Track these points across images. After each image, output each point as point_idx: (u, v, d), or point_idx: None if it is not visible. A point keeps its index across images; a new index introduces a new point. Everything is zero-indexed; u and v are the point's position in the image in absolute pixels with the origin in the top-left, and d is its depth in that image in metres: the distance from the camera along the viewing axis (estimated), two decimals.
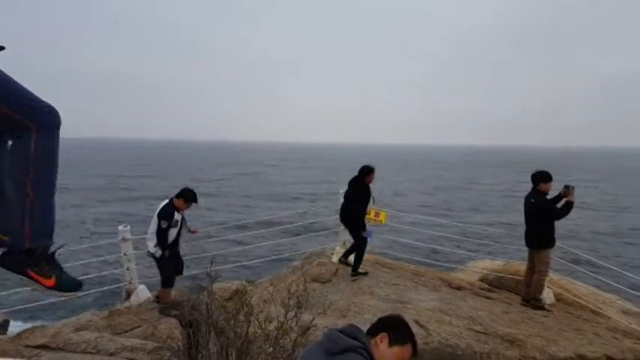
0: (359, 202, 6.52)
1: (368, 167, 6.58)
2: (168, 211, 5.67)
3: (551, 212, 5.72)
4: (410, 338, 1.94)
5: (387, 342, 1.85)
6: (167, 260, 5.73)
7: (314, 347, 1.89)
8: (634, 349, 4.83)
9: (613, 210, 35.28)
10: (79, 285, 1.87)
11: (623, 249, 23.65)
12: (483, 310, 5.37)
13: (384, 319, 1.97)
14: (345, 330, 1.86)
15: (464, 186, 48.37)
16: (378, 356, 1.87)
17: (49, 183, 1.67)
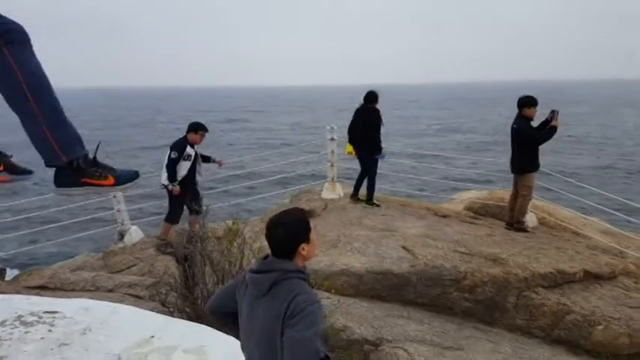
0: (374, 126, 6.55)
1: (373, 92, 6.65)
2: (180, 143, 5.72)
3: (531, 137, 5.79)
4: (309, 228, 1.90)
5: (306, 247, 1.88)
6: (177, 195, 5.74)
7: (246, 297, 1.90)
8: (610, 263, 5.10)
9: (598, 142, 35.79)
10: (136, 173, 1.98)
11: (607, 175, 24.29)
12: (468, 234, 5.57)
13: (291, 234, 1.84)
14: (261, 269, 1.85)
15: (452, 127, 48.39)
16: (306, 261, 1.91)
17: (49, 96, 1.70)
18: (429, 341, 3.97)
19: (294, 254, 1.86)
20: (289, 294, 1.77)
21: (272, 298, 1.80)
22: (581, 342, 4.27)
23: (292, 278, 1.82)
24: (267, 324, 1.79)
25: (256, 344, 1.87)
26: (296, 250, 1.86)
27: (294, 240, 1.86)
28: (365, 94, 6.72)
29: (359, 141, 6.71)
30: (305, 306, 1.73)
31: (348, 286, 4.69)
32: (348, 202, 7.04)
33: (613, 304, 4.48)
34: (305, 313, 1.72)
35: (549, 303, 4.38)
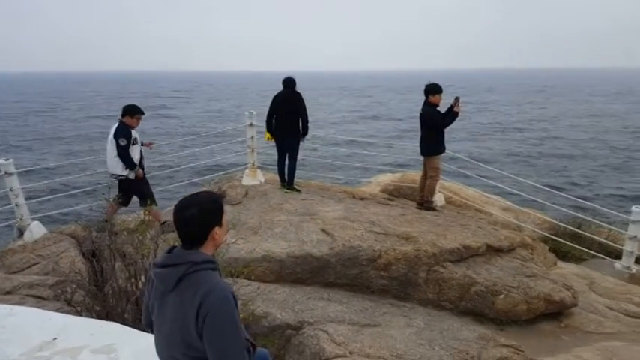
0: (300, 111, 6.52)
1: (292, 78, 6.62)
2: (123, 129, 5.52)
3: (435, 121, 6.19)
4: (222, 210, 1.84)
5: (219, 231, 1.80)
6: (141, 178, 5.67)
7: (154, 294, 1.82)
8: (509, 237, 5.58)
9: (503, 128, 38.83)
10: None
11: (509, 159, 26.53)
12: (383, 215, 5.80)
13: (204, 215, 1.75)
14: (166, 262, 1.76)
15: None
16: (217, 246, 1.84)
17: None
18: (348, 320, 4.10)
19: (206, 239, 1.77)
20: (199, 289, 1.67)
21: (181, 293, 1.70)
22: (485, 311, 4.64)
23: (201, 270, 1.72)
24: (177, 321, 1.71)
25: (165, 341, 1.79)
26: (208, 233, 1.76)
27: (207, 222, 1.76)
28: (284, 79, 6.68)
29: (283, 126, 6.66)
30: (219, 305, 1.66)
31: (269, 272, 4.70)
32: (269, 188, 7.01)
33: (512, 274, 4.91)
34: (221, 313, 1.65)
35: (456, 276, 4.70)
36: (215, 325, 1.64)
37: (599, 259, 6.71)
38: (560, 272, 5.74)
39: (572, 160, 27.17)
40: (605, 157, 27.96)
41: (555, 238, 6.95)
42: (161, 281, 1.76)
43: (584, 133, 36.13)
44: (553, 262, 6.04)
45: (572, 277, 5.67)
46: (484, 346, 3.82)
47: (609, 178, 23.65)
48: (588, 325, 4.66)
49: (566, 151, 29.35)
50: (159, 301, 1.80)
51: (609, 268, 6.42)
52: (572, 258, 6.82)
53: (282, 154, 6.83)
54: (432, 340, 3.86)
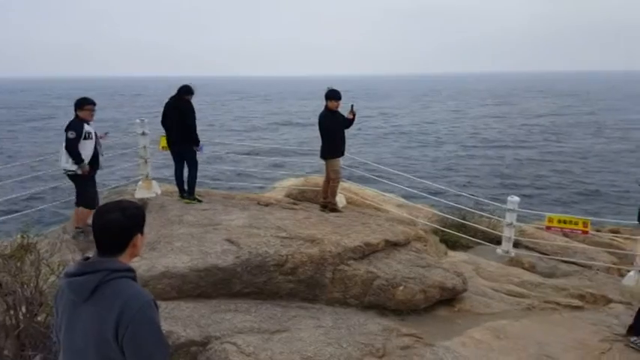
0: (189, 118, 6.35)
1: (188, 86, 6.46)
2: (75, 122, 5.39)
3: (325, 126, 6.40)
4: (145, 217, 1.81)
5: (141, 238, 1.76)
6: (87, 178, 5.49)
7: (64, 306, 1.70)
8: (405, 231, 5.94)
9: (399, 132, 41.34)
10: None
11: (407, 160, 28.30)
12: (288, 219, 5.84)
13: (129, 220, 1.69)
14: (81, 270, 1.65)
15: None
16: (135, 255, 1.80)
17: None
18: (257, 329, 4.04)
19: (126, 247, 1.69)
20: (118, 297, 1.58)
21: (97, 302, 1.59)
22: (387, 303, 4.87)
23: (119, 278, 1.63)
24: (92, 334, 1.58)
25: (77, 357, 1.63)
26: (130, 239, 1.69)
27: (130, 227, 1.68)
28: (180, 86, 6.52)
29: (175, 134, 6.46)
30: (142, 312, 1.58)
31: (170, 288, 4.46)
32: (166, 200, 6.68)
33: (409, 266, 5.22)
34: (144, 321, 1.58)
35: (360, 273, 4.88)
36: (139, 333, 1.57)
37: (483, 246, 7.42)
38: (451, 261, 6.24)
39: (458, 157, 29.79)
40: (485, 154, 31.08)
41: (444, 229, 7.56)
42: (74, 290, 1.62)
43: (466, 133, 39.95)
44: (444, 252, 6.54)
45: (462, 264, 6.19)
46: (388, 337, 4.01)
47: (489, 172, 26.31)
48: (478, 307, 5.12)
49: (452, 150, 32.12)
50: (69, 313, 1.65)
51: (492, 254, 7.14)
52: (460, 247, 7.46)
53: (178, 163, 6.60)
54: (340, 338, 3.96)
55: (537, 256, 7.21)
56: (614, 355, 4.13)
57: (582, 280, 6.20)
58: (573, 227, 6.57)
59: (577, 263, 7.14)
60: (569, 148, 33.42)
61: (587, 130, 41.28)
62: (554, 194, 22.24)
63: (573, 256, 7.31)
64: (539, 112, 55.71)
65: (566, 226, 6.61)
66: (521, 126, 44.34)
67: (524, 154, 30.47)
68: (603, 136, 37.53)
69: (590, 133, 39.59)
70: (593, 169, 27.12)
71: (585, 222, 6.51)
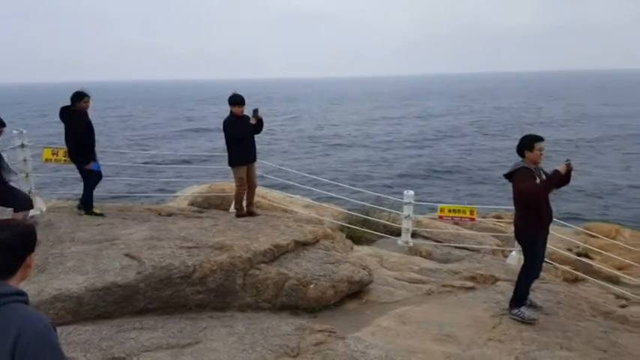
0: (71, 132, 5.95)
1: (81, 92, 6.01)
2: None
3: (227, 133, 6.34)
4: (36, 236, 1.73)
5: (32, 257, 1.69)
6: None
7: None
8: (313, 230, 6.06)
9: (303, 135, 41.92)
10: None
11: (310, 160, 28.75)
12: (193, 228, 5.65)
13: (20, 238, 1.59)
14: None
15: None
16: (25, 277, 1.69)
17: None
18: (167, 345, 3.86)
19: (19, 267, 1.58)
20: (13, 322, 1.46)
21: None
22: (299, 303, 4.94)
23: (12, 302, 1.51)
24: None
25: None
26: (23, 260, 1.58)
27: (23, 246, 1.58)
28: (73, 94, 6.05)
29: (69, 148, 6.07)
30: (41, 335, 1.47)
31: (64, 312, 4.09)
32: (54, 216, 6.10)
33: (319, 263, 5.34)
34: (45, 343, 1.47)
35: (271, 275, 4.89)
36: (40, 357, 1.46)
37: (385, 239, 7.85)
38: (357, 255, 6.50)
39: (360, 158, 31.03)
40: (384, 153, 32.75)
41: (350, 226, 7.86)
42: None
43: (368, 134, 41.79)
44: (350, 247, 6.80)
45: (367, 258, 6.48)
46: (302, 336, 4.07)
47: (388, 170, 27.79)
48: (383, 297, 5.39)
49: (353, 151, 33.38)
50: None
51: (394, 245, 7.57)
52: (365, 241, 7.82)
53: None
54: (255, 342, 3.94)
55: (433, 244, 7.79)
56: (503, 328, 4.61)
57: (473, 263, 6.82)
58: (462, 215, 7.22)
59: (468, 248, 7.85)
60: (459, 144, 36.67)
61: (475, 129, 45.63)
62: (445, 186, 24.19)
63: (464, 242, 8.03)
64: (436, 113, 60.43)
65: (456, 214, 7.24)
66: (420, 126, 47.74)
67: (419, 152, 32.74)
68: (489, 134, 41.79)
69: (478, 131, 43.82)
70: (478, 162, 29.95)
71: (472, 210, 7.19)
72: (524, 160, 4.62)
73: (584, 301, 5.56)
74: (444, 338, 4.32)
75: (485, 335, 4.42)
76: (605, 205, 22.02)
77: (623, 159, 31.54)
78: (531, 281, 4.88)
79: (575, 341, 4.47)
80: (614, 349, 4.46)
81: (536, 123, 47.71)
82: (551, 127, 46.34)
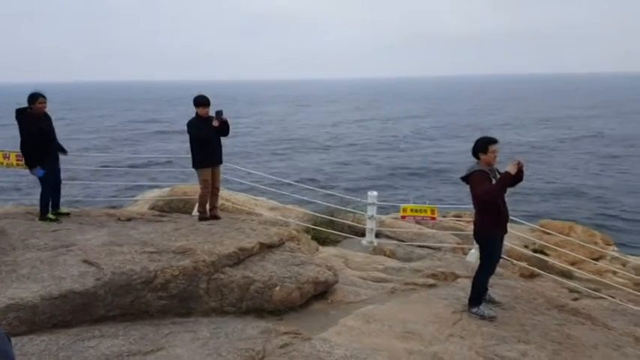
0: (23, 134, 5.72)
1: (35, 93, 5.82)
2: None
3: (191, 134, 6.28)
4: None
5: None
6: None
7: None
8: (278, 232, 6.04)
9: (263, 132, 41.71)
10: None
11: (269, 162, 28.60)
12: (155, 232, 5.53)
13: None
14: None
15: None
16: None
17: None
18: (128, 352, 3.76)
19: None
20: None
21: None
22: (265, 305, 4.91)
23: None
24: None
25: None
26: None
27: None
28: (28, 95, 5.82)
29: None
30: None
31: (18, 322, 3.91)
32: (5, 223, 5.82)
33: (284, 265, 5.34)
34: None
35: (236, 279, 4.84)
36: None
37: (350, 239, 7.93)
38: (323, 256, 6.54)
39: (326, 159, 31.17)
40: (349, 155, 33.01)
41: (315, 227, 7.90)
42: None
43: (332, 137, 42.02)
44: (316, 249, 6.83)
45: (332, 258, 6.53)
46: (267, 338, 4.05)
47: (351, 171, 28.03)
48: (348, 296, 5.45)
49: (319, 153, 33.48)
50: None
51: (358, 245, 7.66)
52: (331, 242, 7.87)
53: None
54: (219, 346, 3.89)
55: (396, 243, 7.94)
56: (463, 324, 4.74)
57: (434, 261, 6.99)
58: (424, 215, 7.39)
59: (429, 246, 8.04)
60: (422, 146, 37.44)
61: (437, 131, 46.69)
62: (408, 187, 24.64)
63: (426, 241, 8.21)
64: (401, 115, 61.55)
65: (417, 214, 7.40)
66: (384, 128, 48.47)
67: (384, 154, 33.21)
68: (449, 136, 42.87)
69: (440, 133, 44.85)
70: (440, 163, 30.68)
71: (433, 209, 7.37)
72: (479, 162, 4.76)
73: (539, 295, 5.80)
74: (408, 335, 4.40)
75: (446, 331, 4.54)
76: (558, 203, 23.05)
77: (576, 160, 33.15)
78: (488, 278, 5.05)
79: (532, 334, 4.66)
80: (567, 341, 4.67)
81: (495, 125, 49.42)
82: (509, 129, 48.15)
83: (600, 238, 11.51)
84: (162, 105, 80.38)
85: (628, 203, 22.75)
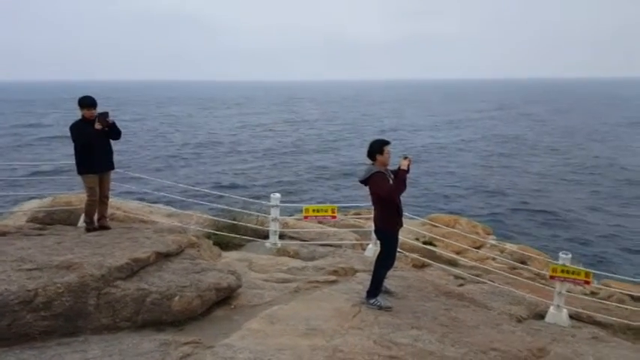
0: None
1: None
2: None
3: (73, 137, 5.87)
4: None
5: None
6: None
7: None
8: (176, 240, 5.82)
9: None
10: None
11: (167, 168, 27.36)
12: (34, 247, 5.01)
13: None
14: None
15: None
16: None
17: None
18: None
19: None
20: None
21: None
22: (163, 317, 4.69)
23: None
24: None
25: None
26: None
27: None
28: None
29: None
30: None
31: None
32: None
33: (184, 274, 5.15)
34: None
35: (129, 292, 4.57)
36: None
37: (254, 242, 7.89)
38: (225, 261, 6.43)
39: (228, 162, 30.54)
40: (250, 157, 32.73)
41: (217, 232, 7.73)
42: None
43: (233, 139, 41.37)
44: (218, 254, 6.68)
45: (235, 263, 6.45)
46: (166, 351, 3.89)
47: (254, 174, 27.86)
48: (252, 299, 5.42)
49: (221, 158, 32.75)
50: None
51: (262, 248, 7.65)
52: (234, 246, 7.76)
53: None
54: None
55: (300, 243, 8.07)
56: (362, 316, 4.98)
57: (335, 258, 7.23)
58: (325, 214, 7.61)
59: (331, 244, 8.30)
60: (325, 149, 38.42)
61: (340, 134, 48.20)
62: (311, 188, 25.16)
63: (328, 239, 8.46)
64: (306, 119, 62.48)
65: (319, 214, 7.60)
66: (287, 132, 48.79)
67: (287, 158, 33.51)
68: (349, 139, 44.53)
69: (342, 136, 46.37)
70: (342, 165, 31.74)
71: (333, 209, 7.62)
72: (375, 163, 5.05)
73: (429, 283, 6.29)
74: (310, 332, 4.51)
75: (347, 324, 4.73)
76: (446, 198, 25.16)
77: (462, 159, 36.42)
78: (387, 271, 5.36)
79: (423, 320, 5.04)
80: (454, 323, 5.13)
81: (389, 130, 52.40)
82: (404, 131, 51.41)
83: (481, 229, 12.79)
84: (44, 107, 72.82)
85: (507, 195, 25.58)
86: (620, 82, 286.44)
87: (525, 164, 33.92)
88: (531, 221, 21.29)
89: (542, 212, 22.47)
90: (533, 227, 20.46)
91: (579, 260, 11.77)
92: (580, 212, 22.47)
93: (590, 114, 71.02)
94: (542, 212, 22.47)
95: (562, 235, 19.41)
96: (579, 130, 51.34)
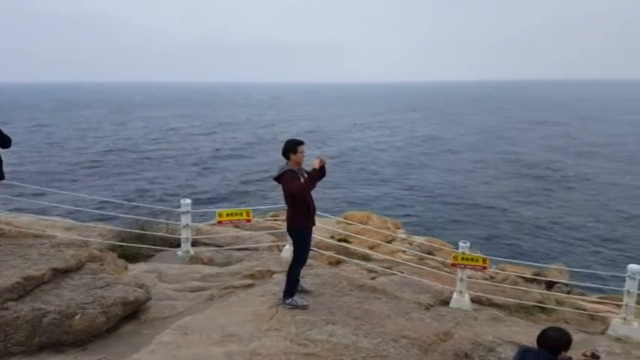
0: None
1: None
2: None
3: None
4: None
5: None
6: None
7: None
8: (76, 254, 5.39)
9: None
10: None
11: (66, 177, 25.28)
12: None
13: None
14: None
15: None
16: None
17: None
18: None
19: None
20: None
21: None
22: (64, 338, 4.35)
23: None
24: None
25: None
26: None
27: None
28: None
29: None
30: None
31: None
32: None
33: (85, 290, 4.80)
34: None
35: (23, 314, 4.18)
36: None
37: (165, 252, 7.55)
38: (133, 274, 6.08)
39: (135, 171, 28.91)
40: (163, 163, 31.32)
41: (122, 243, 7.28)
42: None
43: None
44: (124, 267, 6.30)
45: (144, 275, 6.13)
46: None
47: (164, 181, 26.70)
48: (163, 312, 5.20)
49: (128, 166, 30.93)
50: None
51: (173, 257, 7.35)
52: (142, 257, 7.35)
53: None
54: None
55: (214, 249, 7.87)
56: (279, 317, 4.99)
57: (252, 262, 7.16)
58: (239, 218, 7.50)
59: (247, 248, 8.20)
60: (237, 155, 37.84)
61: (249, 137, 47.67)
62: (224, 192, 24.69)
63: (244, 243, 8.35)
64: (221, 122, 61.04)
65: (233, 218, 7.47)
66: (194, 136, 47.24)
67: (199, 165, 32.52)
68: (258, 143, 44.30)
69: (249, 140, 45.91)
70: (252, 167, 31.49)
71: (247, 212, 7.53)
72: (289, 162, 5.11)
73: (344, 279, 6.46)
74: (226, 339, 4.43)
75: (264, 327, 4.71)
76: (358, 195, 26.06)
77: (377, 159, 37.93)
78: (300, 270, 5.43)
79: (338, 315, 5.18)
80: (367, 315, 5.34)
81: (303, 132, 53.11)
82: (316, 135, 52.30)
83: (392, 224, 13.43)
84: None
85: (416, 190, 27.11)
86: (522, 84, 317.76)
87: (432, 161, 36.26)
88: (438, 213, 22.82)
89: (448, 204, 24.19)
90: (440, 219, 21.94)
91: (478, 248, 12.85)
92: (482, 203, 24.52)
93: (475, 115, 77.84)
94: (447, 204, 24.18)
95: (465, 225, 21.05)
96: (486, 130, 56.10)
